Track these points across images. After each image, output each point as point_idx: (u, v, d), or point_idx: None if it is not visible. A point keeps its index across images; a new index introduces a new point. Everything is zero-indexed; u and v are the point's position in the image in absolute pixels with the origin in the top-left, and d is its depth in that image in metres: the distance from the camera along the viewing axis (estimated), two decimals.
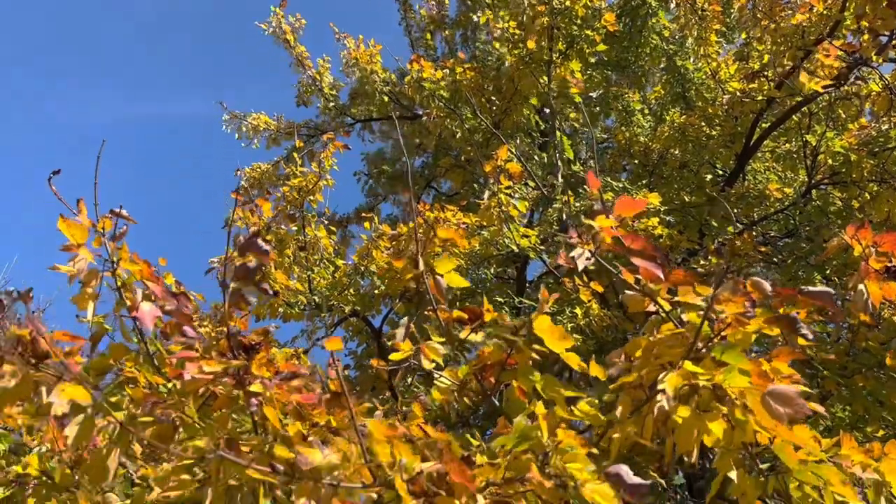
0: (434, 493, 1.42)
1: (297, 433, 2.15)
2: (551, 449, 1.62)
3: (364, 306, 6.73)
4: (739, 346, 1.88)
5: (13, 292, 1.99)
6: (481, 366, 2.10)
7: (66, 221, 2.08)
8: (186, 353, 2.31)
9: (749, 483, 2.12)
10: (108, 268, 2.25)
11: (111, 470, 2.17)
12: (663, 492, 5.60)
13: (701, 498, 5.32)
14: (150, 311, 2.29)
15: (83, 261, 2.16)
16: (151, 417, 2.32)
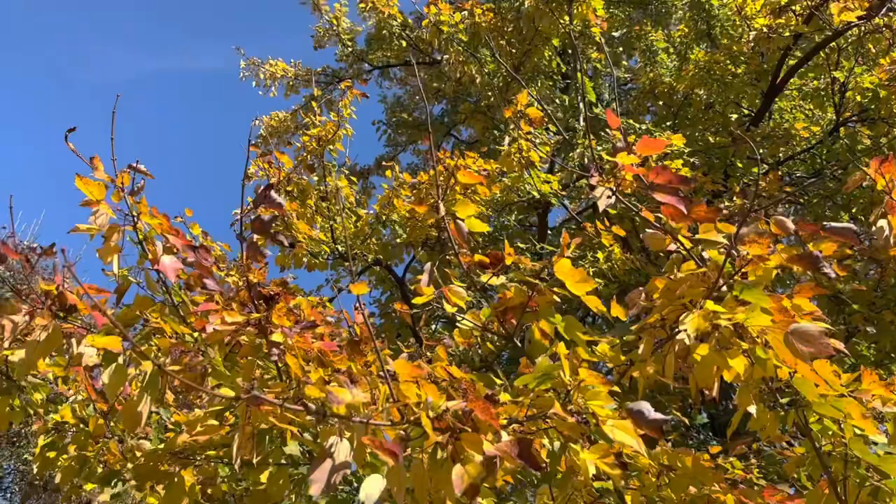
0: (459, 430, 1.45)
1: (318, 379, 2.19)
2: (573, 387, 1.64)
3: (386, 255, 6.76)
4: (761, 284, 1.87)
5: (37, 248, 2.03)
6: (503, 309, 2.11)
7: (82, 179, 2.10)
8: (209, 305, 2.35)
9: (769, 417, 2.13)
10: (129, 222, 2.28)
11: (143, 416, 2.23)
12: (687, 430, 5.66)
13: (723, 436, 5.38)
14: (172, 263, 2.33)
15: (103, 216, 2.18)
16: (179, 366, 2.38)
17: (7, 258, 1.93)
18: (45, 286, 2.02)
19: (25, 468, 13.17)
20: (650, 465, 2.41)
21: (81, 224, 2.20)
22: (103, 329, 2.15)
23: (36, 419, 3.45)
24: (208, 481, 3.04)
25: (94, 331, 2.16)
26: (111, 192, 2.18)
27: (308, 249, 5.80)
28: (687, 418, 5.21)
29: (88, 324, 2.17)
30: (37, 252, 1.93)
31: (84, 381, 3.18)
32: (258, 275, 2.30)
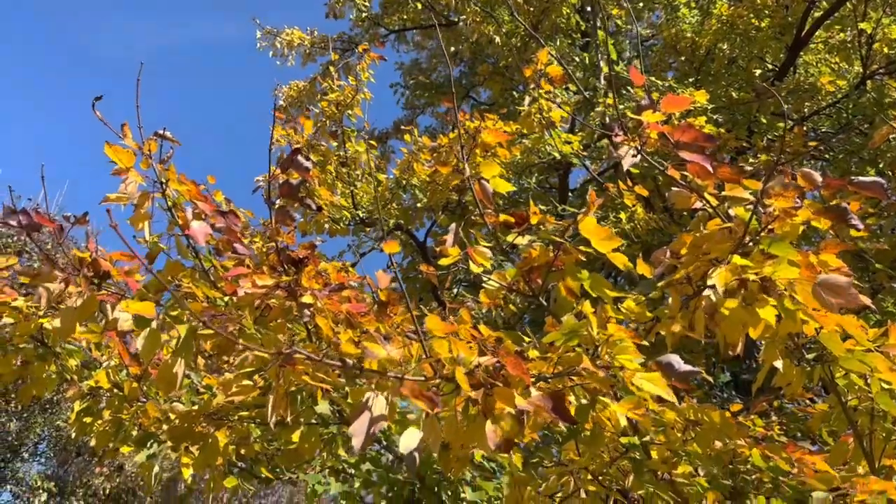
0: (490, 385, 1.48)
1: (348, 340, 2.24)
2: (601, 342, 1.66)
3: (407, 220, 6.78)
4: (788, 238, 1.87)
5: (70, 217, 2.06)
6: (528, 268, 2.13)
7: (112, 147, 2.13)
8: (239, 269, 2.40)
9: (795, 373, 2.15)
10: (158, 189, 2.31)
11: (178, 379, 2.28)
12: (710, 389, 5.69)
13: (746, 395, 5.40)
14: (202, 228, 2.36)
15: (133, 183, 2.22)
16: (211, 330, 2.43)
17: (41, 226, 1.97)
18: (80, 253, 2.06)
19: (59, 434, 13.53)
20: (675, 421, 2.44)
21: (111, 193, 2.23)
22: (137, 294, 2.20)
23: (70, 385, 3.54)
24: (242, 441, 3.12)
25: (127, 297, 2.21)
26: (139, 160, 2.21)
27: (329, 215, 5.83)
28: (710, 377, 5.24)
29: (122, 289, 2.21)
30: (70, 220, 1.97)
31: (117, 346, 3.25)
32: (287, 238, 2.33)
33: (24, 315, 3.13)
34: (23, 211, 1.89)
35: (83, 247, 2.11)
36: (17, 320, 3.14)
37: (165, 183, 2.21)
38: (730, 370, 6.01)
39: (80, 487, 13.71)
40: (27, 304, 3.18)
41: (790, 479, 2.70)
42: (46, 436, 13.72)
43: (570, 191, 9.30)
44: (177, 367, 2.25)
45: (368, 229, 6.99)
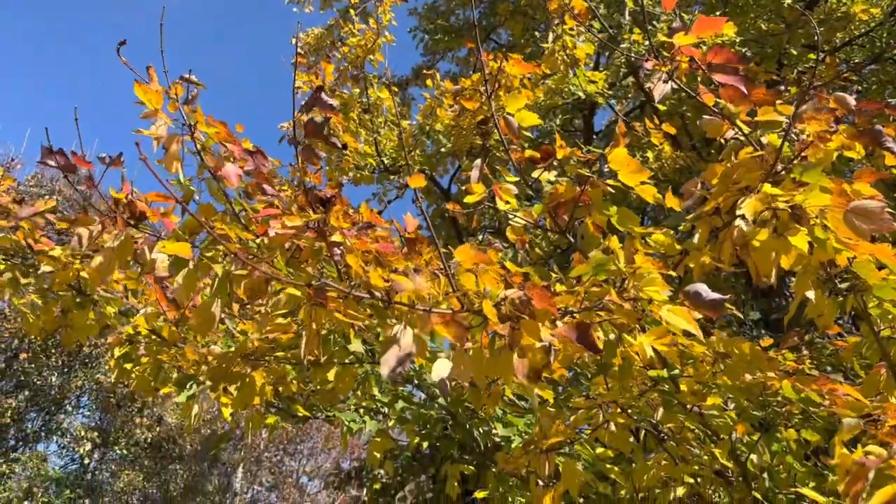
0: (517, 318, 1.49)
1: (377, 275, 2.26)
2: (628, 275, 1.66)
3: (431, 166, 6.76)
4: (820, 165, 1.84)
5: (105, 158, 2.08)
6: (555, 204, 2.12)
7: (141, 87, 2.13)
8: (270, 211, 2.42)
9: (827, 303, 2.13)
10: (186, 132, 2.33)
11: (215, 319, 2.33)
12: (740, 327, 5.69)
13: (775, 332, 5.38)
14: (234, 170, 2.38)
15: (163, 125, 2.23)
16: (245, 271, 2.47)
17: (77, 167, 2.00)
18: (116, 195, 2.09)
19: (100, 388, 13.95)
20: (705, 354, 2.45)
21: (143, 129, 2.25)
22: (172, 236, 2.24)
23: (109, 331, 3.64)
24: (278, 381, 3.20)
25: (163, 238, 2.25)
26: (166, 103, 2.22)
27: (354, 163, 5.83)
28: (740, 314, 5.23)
29: (158, 231, 2.25)
30: (105, 162, 1.99)
31: (155, 292, 3.32)
32: (314, 178, 2.35)
33: (62, 264, 3.21)
34: (59, 151, 1.92)
35: (119, 190, 2.15)
36: (55, 269, 3.23)
37: (194, 125, 2.23)
38: (759, 309, 5.99)
39: (123, 437, 14.20)
40: (64, 253, 3.26)
41: (821, 411, 2.71)
42: (87, 389, 14.15)
43: (594, 133, 9.18)
44: (214, 308, 2.30)
45: (392, 177, 6.99)
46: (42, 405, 14.02)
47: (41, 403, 13.95)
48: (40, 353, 13.04)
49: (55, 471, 13.79)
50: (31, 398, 13.48)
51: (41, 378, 13.32)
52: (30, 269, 3.57)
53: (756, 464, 2.96)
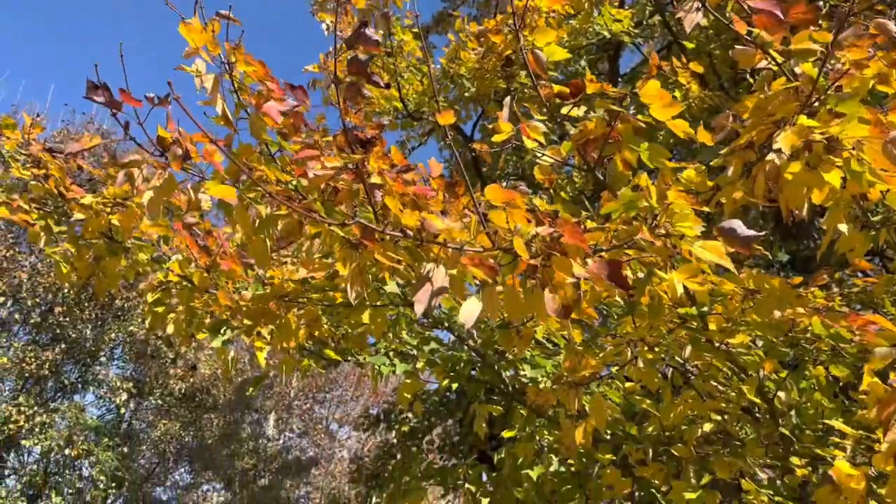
0: (548, 255, 1.50)
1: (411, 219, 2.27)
2: (660, 211, 1.66)
3: (455, 113, 6.70)
4: (858, 96, 1.80)
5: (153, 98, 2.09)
6: (584, 141, 2.11)
7: (186, 25, 2.13)
8: (308, 152, 2.43)
9: (859, 237, 2.12)
10: (225, 70, 2.32)
11: (268, 251, 2.37)
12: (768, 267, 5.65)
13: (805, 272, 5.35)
14: (275, 107, 2.38)
15: (202, 63, 2.23)
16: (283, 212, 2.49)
17: (122, 104, 2.01)
18: (163, 133, 2.11)
19: (133, 339, 14.28)
20: (734, 291, 2.45)
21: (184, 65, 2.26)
22: (215, 177, 2.27)
23: (142, 280, 3.71)
24: (311, 323, 3.25)
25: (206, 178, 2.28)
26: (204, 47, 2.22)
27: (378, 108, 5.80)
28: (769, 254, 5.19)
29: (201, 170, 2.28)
30: (153, 101, 2.00)
31: (185, 239, 3.36)
32: (354, 118, 2.34)
33: (94, 211, 3.26)
34: (105, 86, 1.92)
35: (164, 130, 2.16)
36: (87, 216, 3.28)
37: (233, 63, 2.22)
38: (787, 250, 5.94)
39: (158, 388, 14.58)
40: (95, 201, 3.31)
41: (850, 347, 2.71)
42: (121, 341, 14.50)
43: (619, 76, 9.01)
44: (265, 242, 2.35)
45: (416, 123, 6.95)
46: (77, 357, 14.42)
47: (77, 356, 14.34)
48: (74, 307, 13.35)
49: (93, 420, 14.25)
50: (67, 351, 13.86)
51: (76, 331, 13.67)
52: (62, 218, 3.63)
53: (783, 401, 2.98)
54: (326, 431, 19.82)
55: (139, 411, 15.74)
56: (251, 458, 16.42)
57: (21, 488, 13.28)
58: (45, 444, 12.86)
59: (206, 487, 17.56)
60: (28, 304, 13.46)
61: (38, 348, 13.36)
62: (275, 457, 17.03)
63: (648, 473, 2.90)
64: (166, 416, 15.33)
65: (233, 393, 16.27)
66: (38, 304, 13.69)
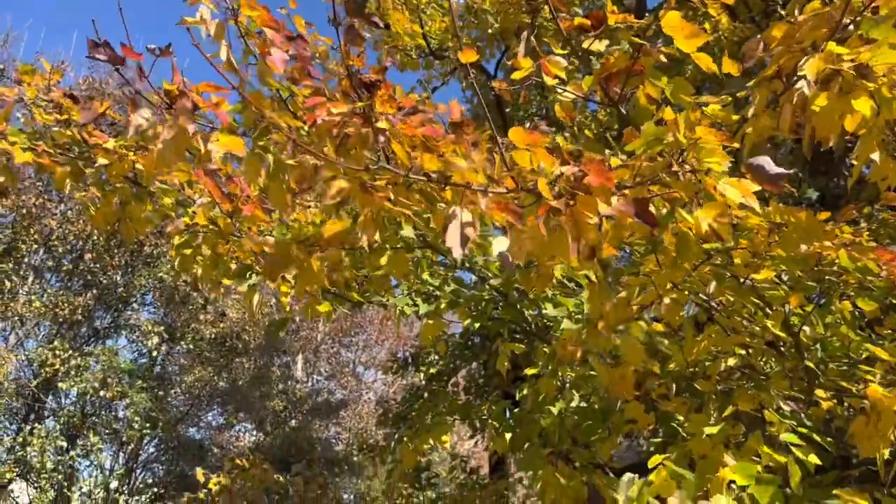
0: (572, 195, 1.49)
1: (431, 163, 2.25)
2: (687, 146, 1.63)
3: (478, 51, 6.59)
4: (892, 19, 1.74)
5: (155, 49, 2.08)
6: (606, 75, 2.06)
7: None
8: (316, 98, 2.41)
9: (892, 166, 2.06)
10: (231, 16, 2.30)
11: (287, 197, 2.38)
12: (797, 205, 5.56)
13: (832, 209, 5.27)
14: (279, 55, 2.36)
15: (206, 10, 2.21)
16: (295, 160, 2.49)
17: (125, 59, 2.01)
18: (168, 86, 2.11)
19: (162, 285, 14.54)
20: (760, 225, 2.41)
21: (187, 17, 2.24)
22: (225, 128, 2.27)
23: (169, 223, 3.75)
24: (333, 267, 3.28)
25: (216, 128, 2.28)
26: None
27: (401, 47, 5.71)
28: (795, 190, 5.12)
29: (210, 121, 2.28)
30: (154, 52, 2.00)
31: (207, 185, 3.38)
32: (357, 62, 2.31)
33: (118, 156, 3.28)
34: (105, 44, 1.92)
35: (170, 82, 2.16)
36: (111, 161, 3.30)
37: (237, 9, 2.20)
38: (817, 187, 5.83)
39: (189, 333, 14.90)
40: (118, 145, 3.33)
41: (878, 281, 2.68)
42: (151, 287, 14.77)
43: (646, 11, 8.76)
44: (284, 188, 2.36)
45: (438, 62, 6.85)
46: (109, 303, 14.76)
47: (108, 301, 14.68)
48: (104, 254, 13.59)
49: (126, 363, 14.66)
50: (99, 296, 14.18)
51: (106, 277, 13.95)
52: (87, 163, 3.65)
53: (809, 336, 2.97)
54: (353, 374, 20.23)
55: (171, 355, 16.15)
56: (282, 400, 16.85)
57: (60, 428, 13.79)
58: (81, 387, 13.29)
59: (238, 428, 18.10)
60: (59, 251, 13.74)
61: (71, 294, 13.68)
62: (304, 399, 17.45)
63: (671, 407, 2.93)
64: (198, 361, 15.72)
65: (262, 337, 16.60)
66: (69, 252, 13.96)
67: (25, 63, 3.57)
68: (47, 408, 14.24)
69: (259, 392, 16.77)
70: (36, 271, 13.99)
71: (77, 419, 13.80)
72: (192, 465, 13.92)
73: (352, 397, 19.33)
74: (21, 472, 13.06)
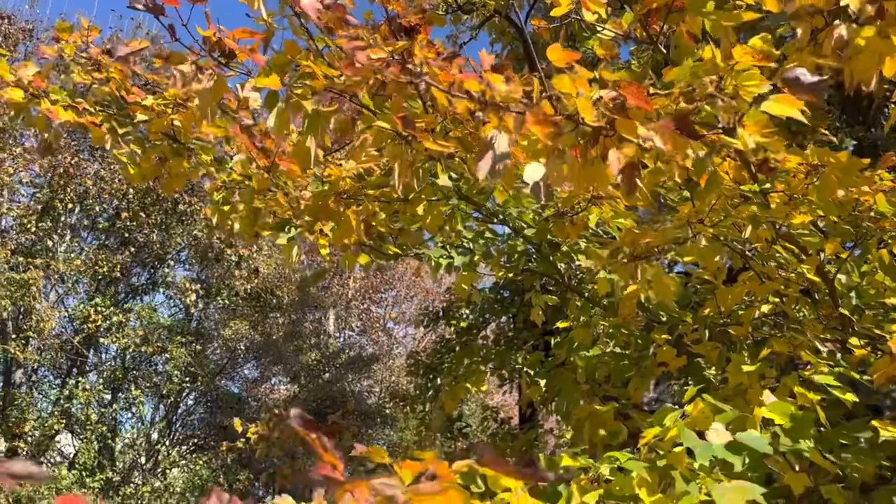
0: (612, 121, 1.50)
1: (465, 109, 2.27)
2: (726, 71, 1.62)
3: (506, 2, 6.50)
4: None
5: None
6: (646, 11, 2.05)
7: None
8: (354, 44, 2.42)
9: None
10: None
11: (312, 155, 2.42)
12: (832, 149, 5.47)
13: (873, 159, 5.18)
14: (311, 4, 2.37)
15: None
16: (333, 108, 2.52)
17: (164, 8, 2.04)
18: (204, 33, 2.14)
19: (197, 243, 14.78)
20: (797, 168, 2.40)
21: None
22: (262, 72, 2.30)
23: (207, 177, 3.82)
24: (368, 220, 3.34)
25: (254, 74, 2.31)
26: None
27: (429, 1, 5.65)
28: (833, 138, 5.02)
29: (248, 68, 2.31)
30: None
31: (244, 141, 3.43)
32: (396, 6, 2.32)
33: (156, 112, 3.34)
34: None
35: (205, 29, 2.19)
36: (150, 118, 3.36)
37: None
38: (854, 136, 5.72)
39: (224, 289, 15.18)
40: (156, 102, 3.38)
41: None
42: (186, 244, 15.03)
43: None
44: (309, 143, 2.39)
45: (465, 17, 6.77)
46: (146, 261, 15.07)
47: (144, 259, 14.99)
48: (140, 212, 13.84)
49: (165, 319, 15.03)
50: (136, 254, 14.48)
51: (143, 235, 14.22)
52: (125, 120, 3.72)
53: (844, 283, 2.96)
54: (384, 330, 20.52)
55: (207, 311, 16.50)
56: (314, 354, 17.19)
57: (103, 382, 14.25)
58: (122, 342, 13.68)
59: (273, 381, 18.54)
60: (95, 209, 14.01)
61: (109, 252, 13.98)
62: (337, 353, 17.78)
63: (704, 351, 2.96)
64: (234, 316, 16.05)
65: (294, 293, 16.87)
66: (105, 210, 14.23)
67: (61, 21, 3.61)
68: (89, 363, 14.70)
69: (293, 346, 17.12)
70: (72, 230, 14.30)
71: (119, 373, 14.24)
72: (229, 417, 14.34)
73: (382, 352, 19.65)
74: (67, 425, 13.56)
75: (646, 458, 1.91)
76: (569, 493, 1.84)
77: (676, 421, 1.88)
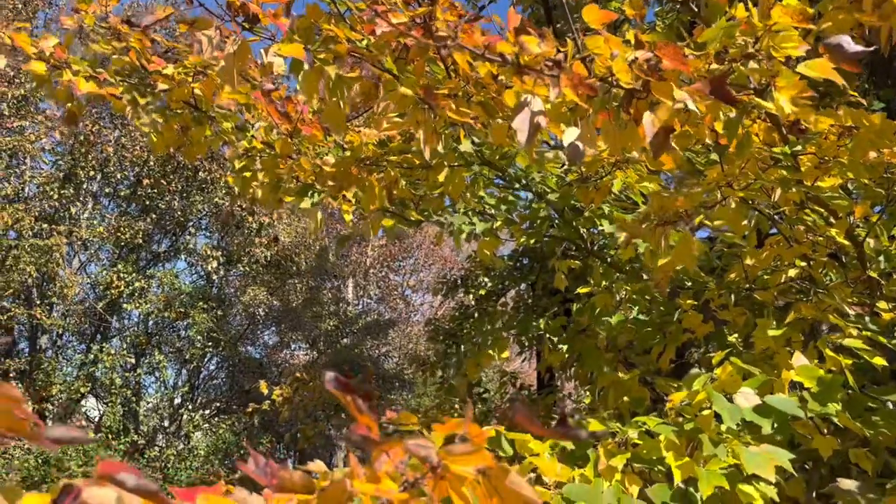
0: (646, 83, 1.48)
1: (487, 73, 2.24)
2: (763, 31, 1.59)
3: None
4: None
5: None
6: None
7: None
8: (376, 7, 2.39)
9: None
10: None
11: (344, 116, 2.41)
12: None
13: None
14: None
15: None
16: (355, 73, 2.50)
17: None
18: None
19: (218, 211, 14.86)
20: (829, 130, 2.35)
21: None
22: (286, 38, 2.28)
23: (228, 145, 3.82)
24: (391, 185, 3.33)
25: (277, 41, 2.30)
26: None
27: None
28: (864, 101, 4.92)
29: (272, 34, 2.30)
30: None
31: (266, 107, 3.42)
32: None
33: (176, 81, 3.33)
34: None
35: None
36: (171, 87, 3.36)
37: None
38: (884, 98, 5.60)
39: (244, 256, 15.30)
40: (177, 71, 3.37)
41: None
42: (207, 212, 15.12)
43: None
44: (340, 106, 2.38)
45: None
46: (167, 228, 15.20)
47: (166, 226, 15.12)
48: (160, 179, 13.91)
49: (187, 285, 15.19)
50: (157, 221, 14.60)
51: (164, 202, 14.32)
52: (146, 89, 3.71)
53: (873, 247, 2.92)
54: (402, 297, 20.63)
55: (228, 278, 16.65)
56: (333, 321, 17.34)
57: (126, 347, 14.49)
58: (145, 308, 13.86)
59: (293, 346, 18.76)
60: (116, 177, 14.11)
61: (130, 219, 14.11)
62: (355, 319, 17.93)
63: (730, 317, 2.95)
64: (253, 282, 16.19)
65: (313, 260, 16.97)
66: (126, 178, 14.33)
67: None
68: (113, 328, 14.93)
69: (311, 312, 17.27)
70: (94, 197, 14.42)
71: (142, 338, 14.46)
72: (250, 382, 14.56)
73: (401, 319, 19.79)
74: (92, 389, 13.84)
75: (673, 421, 1.91)
76: (596, 457, 1.86)
77: (706, 384, 1.88)
